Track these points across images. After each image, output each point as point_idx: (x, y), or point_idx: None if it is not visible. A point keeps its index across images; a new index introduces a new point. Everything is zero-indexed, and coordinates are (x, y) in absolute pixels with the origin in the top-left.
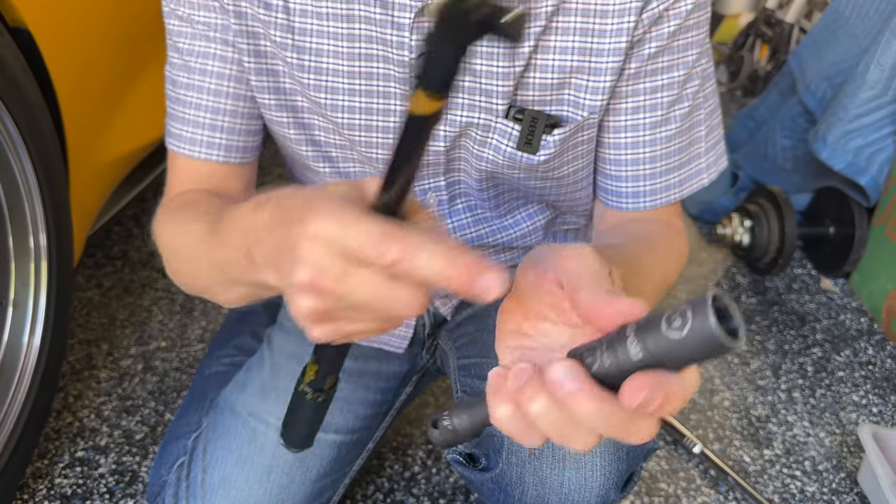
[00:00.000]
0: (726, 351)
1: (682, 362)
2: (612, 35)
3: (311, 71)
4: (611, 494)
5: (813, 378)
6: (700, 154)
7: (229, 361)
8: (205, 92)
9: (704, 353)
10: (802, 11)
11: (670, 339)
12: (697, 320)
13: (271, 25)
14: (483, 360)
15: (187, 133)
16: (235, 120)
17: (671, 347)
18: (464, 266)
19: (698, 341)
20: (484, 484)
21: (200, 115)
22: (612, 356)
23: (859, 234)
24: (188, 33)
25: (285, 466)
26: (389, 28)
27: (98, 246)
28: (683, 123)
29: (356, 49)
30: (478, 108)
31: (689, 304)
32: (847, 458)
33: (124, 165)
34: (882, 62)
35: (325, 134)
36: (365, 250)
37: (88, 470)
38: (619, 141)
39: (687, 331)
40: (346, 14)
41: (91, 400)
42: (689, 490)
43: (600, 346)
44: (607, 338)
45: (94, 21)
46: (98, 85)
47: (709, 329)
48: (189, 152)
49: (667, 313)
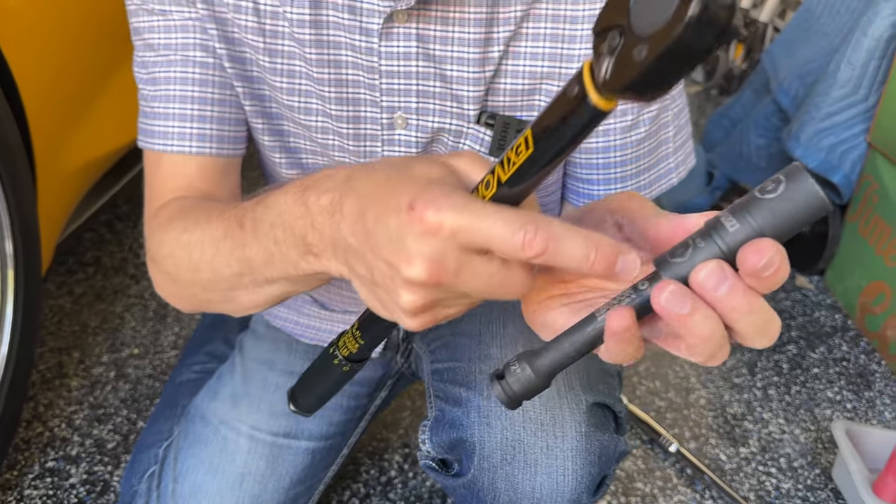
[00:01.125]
0: (822, 208)
1: (782, 228)
2: (583, 41)
3: (284, 74)
4: (583, 498)
5: (788, 375)
6: (669, 154)
7: (201, 368)
8: (189, 83)
9: (804, 213)
10: (776, 10)
11: (768, 200)
12: (792, 179)
13: (243, 28)
14: (456, 364)
15: (175, 128)
16: (224, 109)
17: (770, 211)
18: (604, 250)
19: (796, 199)
20: (457, 490)
21: (188, 108)
22: (709, 241)
23: (833, 232)
24: (162, 27)
25: (257, 474)
26: (358, 34)
27: (69, 252)
28: (652, 126)
29: (325, 55)
30: (449, 114)
31: (778, 174)
32: (822, 454)
33: (93, 171)
34: (853, 61)
35: (295, 140)
36: (503, 243)
37: (59, 480)
38: (589, 145)
39: (783, 189)
40: (313, 20)
41: (62, 409)
42: (665, 489)
43: (690, 240)
44: (697, 233)
45: (60, 27)
46: (65, 90)
47: (806, 184)
48: (179, 148)
49: (758, 187)
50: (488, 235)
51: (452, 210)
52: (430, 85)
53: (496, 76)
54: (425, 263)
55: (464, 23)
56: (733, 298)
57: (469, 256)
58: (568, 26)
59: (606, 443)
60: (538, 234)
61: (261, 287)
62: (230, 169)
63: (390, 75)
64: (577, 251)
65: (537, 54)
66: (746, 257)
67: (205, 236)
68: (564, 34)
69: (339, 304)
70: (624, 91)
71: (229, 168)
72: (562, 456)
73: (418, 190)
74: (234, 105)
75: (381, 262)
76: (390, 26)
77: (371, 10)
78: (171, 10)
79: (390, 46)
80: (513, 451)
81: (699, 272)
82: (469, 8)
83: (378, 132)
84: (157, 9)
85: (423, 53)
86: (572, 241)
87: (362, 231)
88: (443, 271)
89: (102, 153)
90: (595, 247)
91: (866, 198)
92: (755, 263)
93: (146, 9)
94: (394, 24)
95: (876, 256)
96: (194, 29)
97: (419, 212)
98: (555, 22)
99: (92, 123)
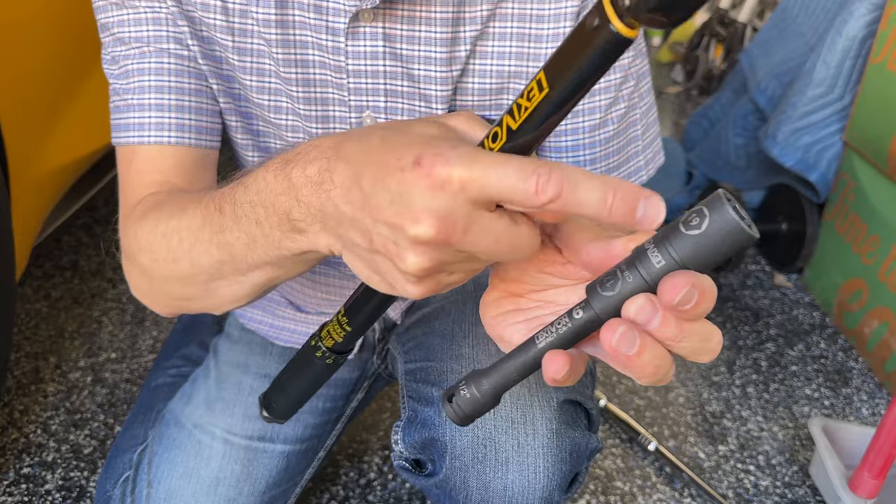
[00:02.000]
0: (747, 240)
1: (705, 261)
2: (549, 40)
3: (254, 73)
4: (555, 496)
5: (767, 373)
6: (638, 152)
7: (176, 372)
8: (165, 73)
9: (727, 245)
10: (755, 11)
11: (692, 236)
12: (716, 214)
13: (213, 27)
14: (429, 363)
15: (152, 119)
16: (202, 100)
17: (693, 245)
18: (623, 192)
19: (720, 233)
20: (430, 489)
21: (165, 98)
22: (634, 273)
23: (811, 230)
24: (132, 20)
25: (232, 479)
26: (325, 33)
27: (46, 256)
28: (620, 124)
29: (291, 55)
30: (418, 113)
31: (701, 205)
32: (799, 451)
33: (69, 174)
34: (828, 60)
35: (268, 140)
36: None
37: (34, 487)
38: (559, 144)
39: (707, 225)
40: (279, 20)
41: (38, 415)
42: (644, 488)
43: (618, 271)
44: (624, 262)
45: (31, 29)
46: (38, 93)
47: (729, 219)
48: (157, 139)
49: (682, 218)
50: (499, 184)
51: (462, 162)
52: (398, 84)
53: (464, 75)
54: (433, 220)
55: (430, 22)
56: (666, 329)
57: (479, 212)
58: (534, 25)
59: (578, 440)
60: (552, 178)
61: (243, 275)
62: (207, 163)
63: (357, 74)
64: (595, 194)
65: (504, 53)
66: (663, 294)
67: (181, 224)
68: (531, 33)
69: (314, 305)
70: (653, 12)
71: (206, 162)
72: (533, 454)
73: (423, 145)
74: (211, 96)
75: (382, 225)
76: (356, 25)
77: (337, 9)
78: (141, 4)
79: (357, 45)
80: (484, 449)
81: (629, 307)
82: (435, 7)
83: None
84: (127, 1)
85: (391, 52)
86: (589, 183)
87: (359, 197)
88: (452, 228)
89: (78, 156)
90: (613, 190)
91: (843, 196)
92: (671, 299)
93: (114, 2)
94: (360, 24)
95: (853, 254)
96: (166, 21)
97: (427, 167)
98: (521, 21)
99: (66, 126)
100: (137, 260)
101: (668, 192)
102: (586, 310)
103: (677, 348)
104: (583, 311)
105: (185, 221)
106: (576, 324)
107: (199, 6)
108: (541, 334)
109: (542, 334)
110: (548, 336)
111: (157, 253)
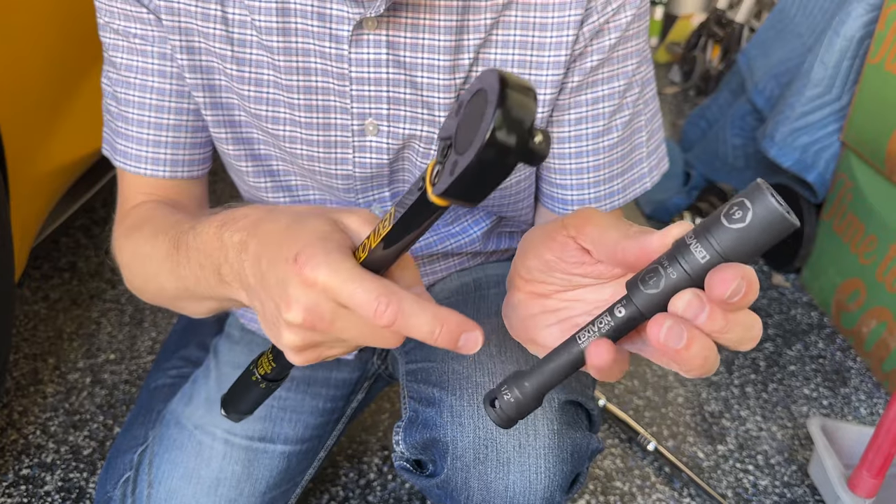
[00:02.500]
0: (788, 229)
1: (748, 253)
2: (552, 48)
3: (252, 83)
4: (556, 496)
5: (765, 373)
6: (642, 159)
7: (176, 373)
8: (146, 108)
9: (770, 236)
10: (752, 11)
11: (735, 230)
12: (759, 205)
13: (211, 37)
14: (429, 364)
15: (132, 150)
16: (179, 134)
17: (737, 238)
18: (449, 327)
19: (763, 225)
20: (432, 490)
21: (143, 132)
22: (677, 268)
23: (808, 230)
24: (124, 47)
25: (233, 479)
26: (328, 41)
27: (45, 257)
28: (625, 131)
29: (293, 63)
30: (420, 121)
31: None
32: (798, 450)
33: (67, 175)
34: (826, 60)
35: (265, 148)
36: (360, 308)
37: (34, 488)
38: (563, 151)
39: (750, 218)
40: (281, 28)
41: (37, 416)
42: (643, 488)
43: (659, 267)
44: (664, 256)
45: (30, 30)
46: (37, 94)
47: (772, 209)
48: (135, 169)
49: (722, 211)
50: (350, 299)
51: (327, 269)
52: (400, 92)
53: (466, 83)
54: (301, 311)
55: (434, 30)
56: (714, 323)
57: (342, 310)
58: (537, 34)
59: (579, 440)
60: (389, 308)
61: (199, 301)
62: (189, 187)
63: (360, 82)
64: (425, 328)
65: (506, 61)
66: (713, 288)
67: (153, 252)
68: (533, 41)
69: None
70: (444, 195)
71: (187, 186)
72: (534, 454)
73: (304, 245)
74: (191, 130)
75: (270, 301)
76: (360, 33)
77: (341, 17)
78: (134, 30)
79: (360, 53)
80: (485, 449)
81: (677, 303)
82: (439, 15)
83: (349, 139)
84: (122, 27)
85: (394, 60)
86: (419, 317)
87: (259, 272)
88: (317, 319)
89: (76, 157)
90: (441, 324)
91: (840, 196)
92: (721, 294)
93: (112, 27)
94: (364, 31)
95: (851, 254)
96: (153, 54)
97: (300, 265)
98: (524, 29)
99: (65, 127)
100: (123, 271)
101: (666, 192)
102: (628, 307)
103: (723, 339)
104: (625, 309)
105: (156, 250)
106: (618, 321)
107: (199, 15)
108: (582, 333)
109: (583, 333)
110: (590, 335)
111: (135, 272)
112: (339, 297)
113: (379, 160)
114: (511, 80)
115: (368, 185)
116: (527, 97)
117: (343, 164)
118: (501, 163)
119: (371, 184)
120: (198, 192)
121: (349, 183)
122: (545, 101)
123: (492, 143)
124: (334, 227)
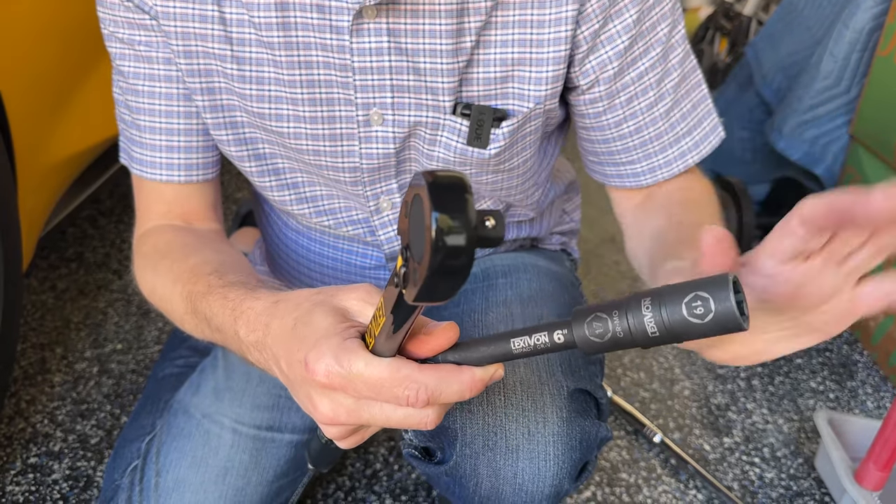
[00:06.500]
0: (739, 330)
1: (692, 338)
2: (552, 25)
3: (253, 81)
4: (564, 484)
5: (772, 366)
6: (710, 110)
7: (183, 363)
8: (156, 114)
9: (718, 332)
10: (760, 4)
11: (690, 322)
12: (720, 306)
13: (209, 39)
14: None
15: (147, 157)
16: (191, 138)
17: (689, 328)
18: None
19: (717, 324)
20: (440, 477)
21: (156, 138)
22: (624, 328)
23: None
24: (130, 55)
25: (241, 468)
26: (329, 32)
27: (52, 248)
28: (678, 93)
29: (294, 57)
30: (425, 107)
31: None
32: (805, 443)
33: (75, 166)
34: (835, 53)
35: (269, 147)
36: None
37: (41, 476)
38: (623, 132)
39: (709, 318)
40: (281, 23)
41: (44, 405)
42: (649, 479)
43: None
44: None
45: (37, 21)
46: (45, 85)
47: (731, 314)
48: (151, 176)
49: (686, 297)
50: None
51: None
52: (403, 79)
53: (469, 66)
54: (327, 411)
55: (434, 14)
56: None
57: (364, 401)
58: (536, 11)
59: (588, 428)
60: (419, 394)
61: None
62: (206, 188)
63: (363, 71)
64: (454, 396)
65: (507, 41)
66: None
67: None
68: (533, 19)
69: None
70: (418, 301)
71: (202, 189)
72: (543, 441)
73: (310, 348)
74: (203, 133)
75: (301, 400)
76: (360, 22)
77: (340, 7)
78: (139, 37)
79: (361, 42)
80: (494, 437)
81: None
82: (439, 0)
83: (354, 130)
84: (126, 36)
85: (395, 48)
86: (448, 388)
87: (283, 373)
88: (342, 415)
89: (83, 148)
90: (469, 388)
91: None
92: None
93: (117, 36)
94: (364, 20)
95: None
96: (158, 60)
97: (311, 371)
98: (522, 9)
99: (72, 118)
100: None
101: None
102: (567, 336)
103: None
104: (563, 337)
105: (174, 305)
106: (553, 345)
107: (196, 18)
108: (517, 341)
109: (518, 341)
110: (524, 346)
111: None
112: (360, 392)
113: (385, 150)
114: (439, 179)
115: (376, 177)
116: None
117: (350, 156)
118: (458, 262)
119: (378, 175)
120: (211, 196)
121: (356, 176)
122: (548, 78)
123: (439, 249)
124: (338, 318)
